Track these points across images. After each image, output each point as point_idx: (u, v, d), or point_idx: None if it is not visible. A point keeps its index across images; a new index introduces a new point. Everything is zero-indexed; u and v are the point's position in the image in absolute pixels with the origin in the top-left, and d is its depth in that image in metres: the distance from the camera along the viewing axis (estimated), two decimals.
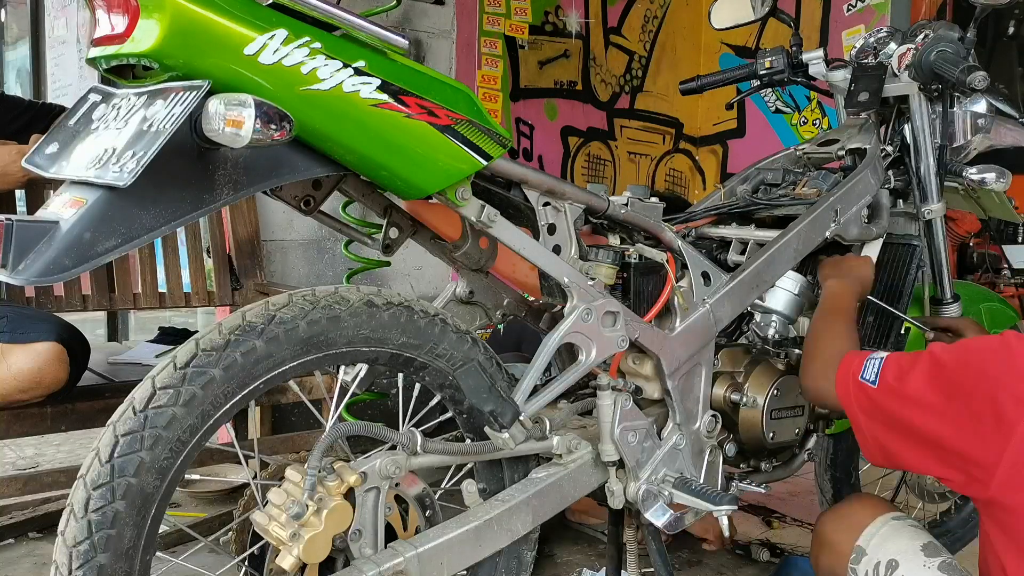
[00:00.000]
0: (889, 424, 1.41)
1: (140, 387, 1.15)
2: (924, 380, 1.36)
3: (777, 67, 2.11)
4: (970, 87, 1.75)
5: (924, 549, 1.41)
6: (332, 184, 1.42)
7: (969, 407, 1.31)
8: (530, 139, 4.22)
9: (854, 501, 1.60)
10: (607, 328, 1.47)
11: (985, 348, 1.34)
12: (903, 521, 1.48)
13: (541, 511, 1.48)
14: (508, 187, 1.43)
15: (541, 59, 4.22)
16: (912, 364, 1.39)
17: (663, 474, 1.58)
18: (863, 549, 1.46)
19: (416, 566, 1.31)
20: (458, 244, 1.49)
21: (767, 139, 4.42)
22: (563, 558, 2.43)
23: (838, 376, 1.49)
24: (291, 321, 1.21)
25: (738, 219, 1.91)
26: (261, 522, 1.28)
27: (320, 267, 3.39)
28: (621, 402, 1.52)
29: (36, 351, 2.03)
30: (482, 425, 1.40)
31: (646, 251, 1.60)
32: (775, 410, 1.78)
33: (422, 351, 1.35)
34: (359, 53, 1.15)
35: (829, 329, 1.65)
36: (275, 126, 1.04)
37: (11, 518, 2.55)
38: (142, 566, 1.14)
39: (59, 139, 1.15)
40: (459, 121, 1.24)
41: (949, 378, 1.34)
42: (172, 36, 1.04)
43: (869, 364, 1.44)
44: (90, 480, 1.11)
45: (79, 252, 1.01)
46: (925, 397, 1.35)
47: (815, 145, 2.05)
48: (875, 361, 1.44)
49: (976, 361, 1.33)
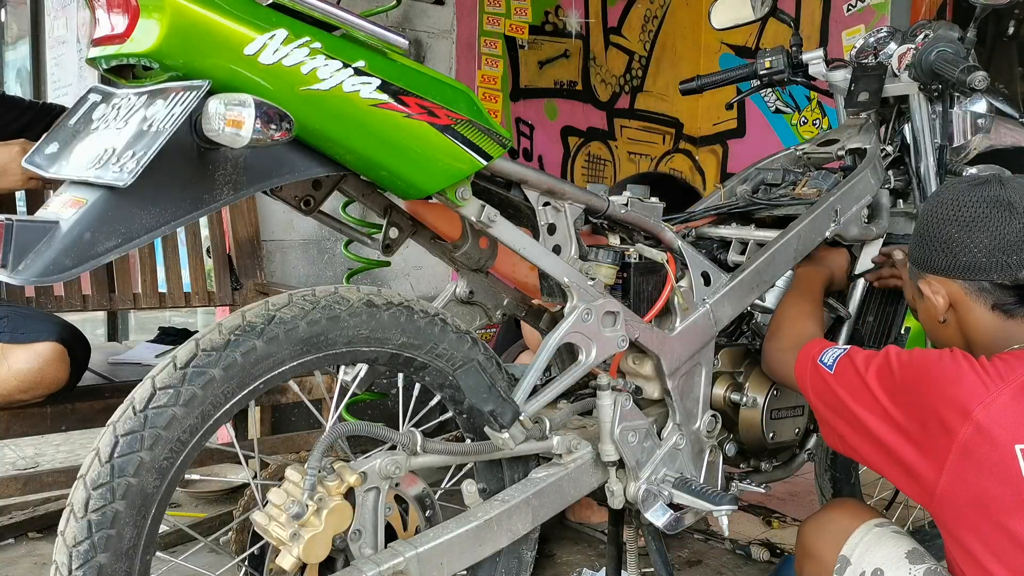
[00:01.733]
0: (841, 413, 1.42)
1: (140, 387, 1.15)
2: (875, 379, 1.37)
3: (777, 67, 2.11)
4: (970, 87, 1.75)
5: (908, 556, 1.40)
6: (332, 184, 1.42)
7: (912, 415, 1.31)
8: (530, 139, 4.22)
9: (835, 508, 1.58)
10: (607, 328, 1.47)
11: (933, 358, 1.33)
12: (886, 528, 1.47)
13: (541, 511, 1.48)
14: (508, 187, 1.43)
15: (541, 59, 4.22)
16: (868, 361, 1.39)
17: (663, 474, 1.59)
18: (847, 559, 1.44)
19: (416, 566, 1.31)
20: (458, 244, 1.49)
21: (767, 139, 4.42)
22: (563, 558, 2.43)
23: (799, 356, 1.51)
24: (291, 321, 1.21)
25: (738, 219, 1.91)
26: (261, 522, 1.28)
27: (320, 267, 3.39)
28: (621, 402, 1.52)
29: (36, 351, 2.03)
30: (482, 425, 1.40)
31: (646, 251, 1.60)
32: (775, 410, 1.79)
33: (422, 351, 1.35)
34: (359, 53, 1.15)
35: (795, 307, 1.70)
36: (275, 126, 1.04)
37: (11, 518, 2.55)
38: (142, 566, 1.14)
39: (59, 139, 1.15)
40: (459, 121, 1.24)
41: (896, 383, 1.34)
42: (172, 36, 1.04)
43: (831, 351, 1.46)
44: (90, 480, 1.11)
45: (79, 252, 1.01)
46: (874, 396, 1.36)
47: (815, 145, 2.05)
48: (838, 350, 1.45)
49: (922, 369, 1.32)
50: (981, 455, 1.23)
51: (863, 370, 1.38)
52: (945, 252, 1.39)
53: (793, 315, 1.69)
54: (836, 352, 1.45)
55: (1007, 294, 1.36)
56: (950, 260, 1.38)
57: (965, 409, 1.24)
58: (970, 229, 1.35)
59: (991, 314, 1.37)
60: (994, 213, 1.34)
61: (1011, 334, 1.36)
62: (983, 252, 1.34)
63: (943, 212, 1.40)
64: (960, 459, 1.25)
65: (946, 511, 1.29)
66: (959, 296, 1.39)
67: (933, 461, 1.28)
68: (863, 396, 1.37)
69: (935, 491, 1.28)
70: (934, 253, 1.41)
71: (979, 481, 1.24)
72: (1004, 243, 1.33)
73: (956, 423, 1.25)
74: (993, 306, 1.37)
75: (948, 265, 1.39)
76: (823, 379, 1.45)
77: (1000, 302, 1.36)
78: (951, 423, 1.25)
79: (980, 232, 1.35)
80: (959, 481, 1.25)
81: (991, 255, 1.34)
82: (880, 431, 1.35)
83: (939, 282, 1.41)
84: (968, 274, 1.37)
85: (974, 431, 1.23)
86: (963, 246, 1.36)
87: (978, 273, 1.36)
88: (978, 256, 1.35)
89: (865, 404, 1.37)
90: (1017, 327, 1.36)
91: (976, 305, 1.38)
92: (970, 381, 1.26)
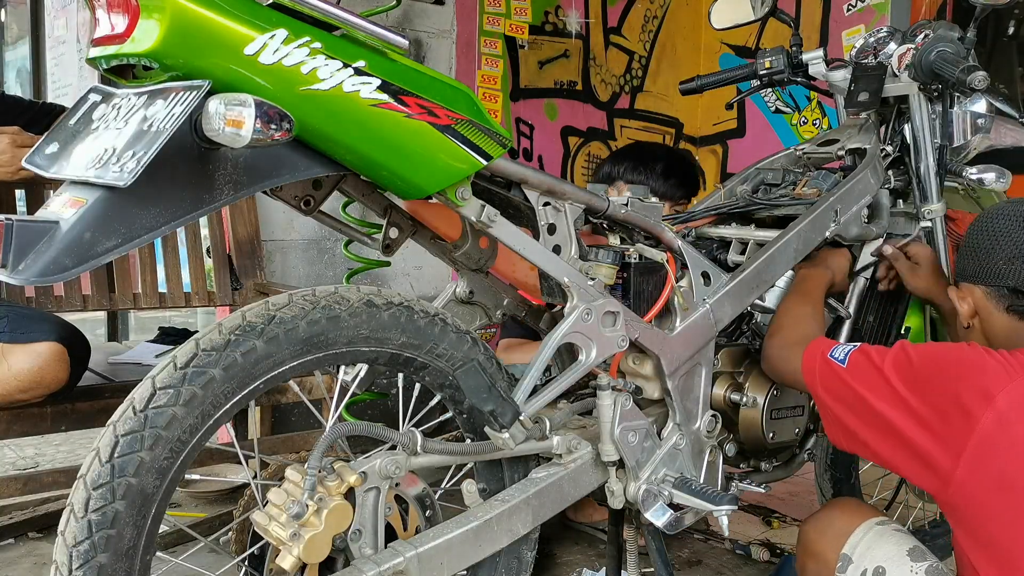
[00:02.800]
0: (853, 407, 1.44)
1: (140, 387, 1.15)
2: (892, 370, 1.40)
3: (777, 67, 2.11)
4: (970, 87, 1.75)
5: (910, 554, 1.42)
6: (332, 184, 1.42)
7: (931, 403, 1.34)
8: (530, 139, 4.22)
9: (836, 507, 1.61)
10: (607, 328, 1.47)
11: (951, 348, 1.41)
12: (887, 526, 1.49)
13: (541, 511, 1.48)
14: (508, 187, 1.43)
15: (541, 59, 4.21)
16: (882, 354, 1.44)
17: (663, 474, 1.59)
18: (849, 557, 1.46)
19: (416, 566, 1.31)
20: (458, 244, 1.49)
21: (767, 139, 4.42)
22: (563, 558, 2.43)
23: (805, 353, 1.54)
24: (291, 321, 1.21)
25: (738, 219, 1.91)
26: (261, 522, 1.28)
27: (320, 267, 3.39)
28: (621, 402, 1.52)
29: (36, 351, 2.03)
30: (482, 425, 1.40)
31: (646, 251, 1.60)
32: (775, 410, 1.79)
33: (422, 351, 1.35)
34: (359, 53, 1.15)
35: (796, 308, 1.73)
36: (275, 126, 1.04)
37: (11, 518, 2.55)
38: (142, 566, 1.14)
39: (59, 139, 1.15)
40: (459, 121, 1.24)
41: (915, 372, 1.38)
42: (172, 36, 1.04)
43: (841, 347, 1.50)
44: (90, 480, 1.11)
45: (79, 252, 1.01)
46: (891, 385, 1.39)
47: (815, 145, 2.05)
48: (848, 346, 1.50)
49: (941, 358, 1.38)
50: (1004, 438, 1.27)
51: (879, 362, 1.42)
52: (973, 259, 1.51)
53: (795, 315, 1.70)
54: (847, 348, 1.49)
55: (1021, 298, 1.46)
56: (976, 266, 1.50)
57: (988, 394, 1.29)
58: (996, 239, 1.48)
59: (1006, 316, 1.47)
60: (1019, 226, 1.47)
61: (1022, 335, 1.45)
62: (1004, 260, 1.46)
63: (979, 224, 1.53)
64: (980, 446, 1.28)
65: (962, 500, 1.31)
66: (982, 302, 1.50)
67: (951, 449, 1.31)
68: (879, 387, 1.40)
69: (952, 479, 1.30)
70: (966, 261, 1.53)
71: (1002, 464, 1.27)
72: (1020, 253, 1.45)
73: (978, 408, 1.29)
74: (1008, 308, 1.47)
75: (975, 271, 1.51)
76: (835, 373, 1.46)
77: (1014, 305, 1.46)
78: (973, 408, 1.29)
79: (1004, 242, 1.47)
80: (979, 467, 1.28)
81: (1010, 263, 1.45)
82: (898, 421, 1.37)
83: (967, 289, 1.52)
84: (989, 279, 1.48)
85: (996, 416, 1.27)
86: (988, 253, 1.48)
87: (997, 278, 1.47)
88: (999, 263, 1.46)
89: (882, 395, 1.40)
90: None
91: (994, 309, 1.48)
92: (992, 368, 1.32)
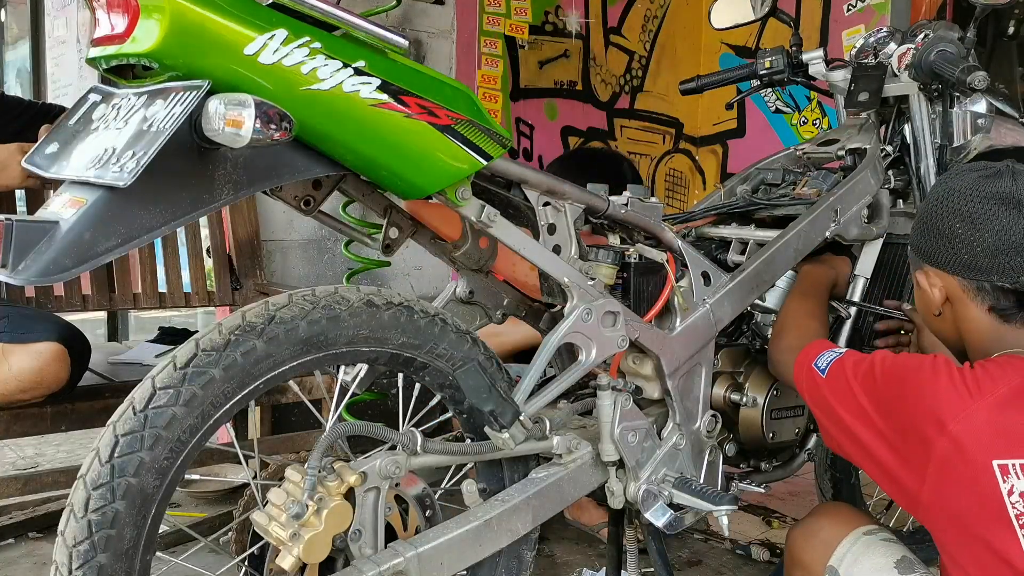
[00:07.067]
0: (831, 418, 1.41)
1: (140, 387, 1.15)
2: (859, 386, 1.34)
3: (777, 67, 2.11)
4: (970, 87, 1.75)
5: (898, 566, 1.36)
6: (332, 184, 1.42)
7: (894, 424, 1.29)
8: (530, 139, 4.22)
9: (823, 515, 1.53)
10: (607, 328, 1.47)
11: (912, 367, 1.29)
12: (876, 536, 1.43)
13: (541, 511, 1.47)
14: (508, 187, 1.43)
15: (541, 59, 4.21)
16: (857, 366, 1.37)
17: (663, 474, 1.59)
18: (836, 570, 1.41)
19: (416, 566, 1.31)
20: (458, 244, 1.49)
21: (767, 139, 4.42)
22: (563, 558, 2.43)
23: (796, 361, 1.51)
24: (291, 321, 1.21)
25: (738, 219, 1.91)
26: (261, 522, 1.28)
27: (320, 267, 3.39)
28: (621, 402, 1.52)
29: (37, 351, 2.03)
30: (482, 425, 1.40)
31: (646, 251, 1.60)
32: (775, 410, 1.79)
33: (422, 351, 1.35)
34: (359, 53, 1.15)
35: (799, 307, 1.70)
36: (275, 126, 1.04)
37: (11, 518, 2.55)
38: (142, 566, 1.14)
39: (59, 139, 1.15)
40: (459, 121, 1.24)
41: (879, 391, 1.32)
42: (172, 36, 1.04)
43: (827, 354, 1.44)
44: (90, 480, 1.11)
45: (79, 252, 1.01)
46: (859, 403, 1.34)
47: (815, 145, 2.05)
48: (833, 354, 1.43)
49: (903, 378, 1.29)
50: (957, 471, 1.20)
51: (851, 376, 1.36)
52: (947, 247, 1.32)
53: (797, 315, 1.68)
54: (831, 356, 1.43)
55: (1006, 298, 1.30)
56: (951, 256, 1.32)
57: (941, 422, 1.21)
58: (975, 226, 1.29)
59: (987, 316, 1.32)
60: (1001, 211, 1.28)
61: (1004, 339, 1.31)
62: (986, 252, 1.28)
63: (949, 204, 1.33)
64: (938, 472, 1.22)
65: (931, 521, 1.27)
66: (957, 293, 1.34)
67: (915, 471, 1.25)
68: (849, 402, 1.36)
69: (920, 500, 1.26)
70: (935, 245, 1.35)
71: (957, 496, 1.21)
72: (1009, 244, 1.27)
73: (933, 436, 1.21)
74: (990, 308, 1.31)
75: (948, 260, 1.33)
76: (816, 383, 1.43)
77: (998, 305, 1.31)
78: (928, 435, 1.22)
79: (985, 230, 1.28)
80: (939, 494, 1.23)
81: (994, 256, 1.28)
82: (865, 438, 1.33)
83: (937, 275, 1.36)
84: (968, 272, 1.31)
85: (950, 445, 1.20)
86: (966, 243, 1.30)
87: (979, 273, 1.30)
88: (980, 256, 1.29)
89: (851, 410, 1.35)
90: (1011, 332, 1.31)
91: (973, 305, 1.32)
92: (947, 393, 1.22)
